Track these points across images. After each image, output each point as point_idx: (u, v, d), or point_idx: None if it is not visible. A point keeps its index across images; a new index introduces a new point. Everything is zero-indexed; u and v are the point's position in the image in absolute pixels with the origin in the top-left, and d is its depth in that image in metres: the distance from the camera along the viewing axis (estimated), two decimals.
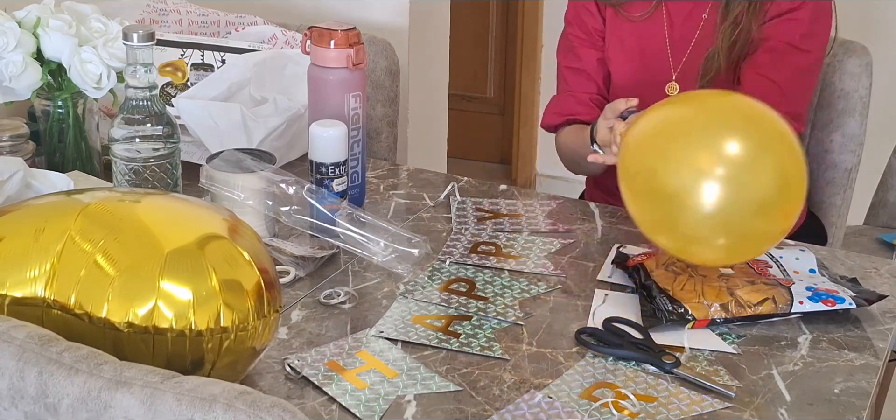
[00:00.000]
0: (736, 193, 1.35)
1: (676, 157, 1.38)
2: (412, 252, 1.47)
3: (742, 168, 1.36)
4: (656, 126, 1.44)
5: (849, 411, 1.23)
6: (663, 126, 1.43)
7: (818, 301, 1.38)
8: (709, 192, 1.34)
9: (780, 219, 1.37)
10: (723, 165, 1.35)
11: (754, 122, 1.40)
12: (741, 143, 1.37)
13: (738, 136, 1.37)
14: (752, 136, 1.38)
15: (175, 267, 1.08)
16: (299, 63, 1.84)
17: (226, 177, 1.52)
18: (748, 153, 1.36)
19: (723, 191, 1.34)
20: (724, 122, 1.40)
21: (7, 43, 1.60)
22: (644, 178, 1.40)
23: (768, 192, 1.36)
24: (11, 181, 1.47)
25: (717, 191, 1.34)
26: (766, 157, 1.37)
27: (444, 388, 1.25)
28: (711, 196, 1.34)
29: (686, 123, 1.42)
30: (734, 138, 1.37)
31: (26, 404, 0.96)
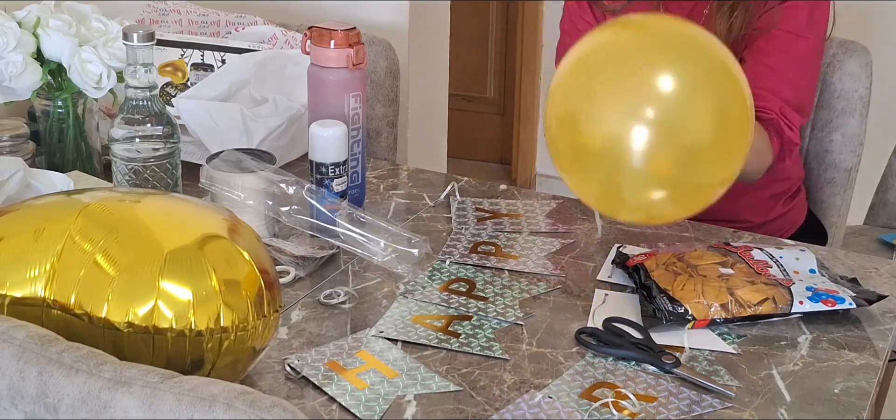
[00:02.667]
0: (664, 138, 1.22)
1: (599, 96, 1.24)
2: (412, 252, 1.47)
3: (671, 108, 1.22)
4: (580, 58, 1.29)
5: (849, 411, 1.23)
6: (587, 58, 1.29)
7: (818, 301, 1.38)
8: (637, 137, 1.21)
9: (719, 165, 1.26)
10: (650, 105, 1.21)
11: (690, 52, 1.25)
12: (672, 77, 1.22)
13: (668, 69, 1.22)
14: (686, 69, 1.24)
15: (175, 267, 1.08)
16: (299, 63, 1.84)
17: (226, 177, 1.52)
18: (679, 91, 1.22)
19: (650, 135, 1.20)
20: (654, 53, 1.25)
21: (7, 43, 1.60)
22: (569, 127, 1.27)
23: (702, 136, 1.23)
24: (11, 181, 1.47)
25: (645, 135, 1.20)
26: (699, 93, 1.23)
27: (444, 388, 1.25)
28: (639, 142, 1.20)
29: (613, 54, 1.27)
30: (664, 72, 1.22)
31: (26, 404, 0.96)
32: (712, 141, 1.24)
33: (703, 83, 1.24)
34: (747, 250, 1.49)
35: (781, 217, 1.91)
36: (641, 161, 1.21)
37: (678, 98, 1.22)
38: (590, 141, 1.24)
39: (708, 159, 1.25)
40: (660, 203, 1.26)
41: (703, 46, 1.27)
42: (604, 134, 1.23)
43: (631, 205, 1.28)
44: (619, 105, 1.23)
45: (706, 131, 1.23)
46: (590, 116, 1.25)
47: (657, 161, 1.22)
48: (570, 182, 1.32)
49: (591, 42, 1.30)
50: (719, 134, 1.24)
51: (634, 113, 1.21)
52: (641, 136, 1.21)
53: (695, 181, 1.26)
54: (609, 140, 1.23)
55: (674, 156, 1.23)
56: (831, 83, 1.98)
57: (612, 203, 1.30)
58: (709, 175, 1.26)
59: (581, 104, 1.26)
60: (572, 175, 1.31)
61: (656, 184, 1.24)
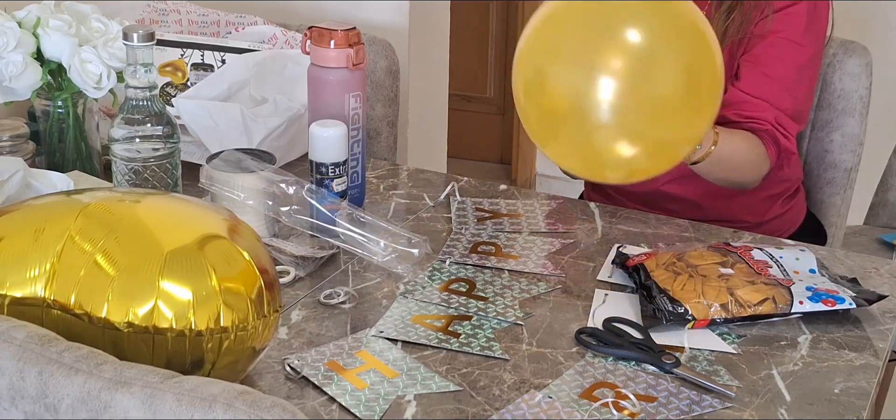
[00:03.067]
0: (631, 91, 1.22)
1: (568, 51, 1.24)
2: (412, 252, 1.47)
3: (638, 62, 1.22)
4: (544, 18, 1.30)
5: (849, 411, 1.23)
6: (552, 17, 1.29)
7: (818, 301, 1.38)
8: (603, 89, 1.21)
9: (686, 122, 1.26)
10: (618, 58, 1.21)
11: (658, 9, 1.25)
12: (639, 31, 1.22)
13: (636, 24, 1.22)
14: (653, 25, 1.23)
15: (175, 267, 1.08)
16: (299, 63, 1.84)
17: (226, 177, 1.52)
18: (646, 44, 1.22)
19: (617, 88, 1.20)
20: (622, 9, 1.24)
21: (7, 43, 1.60)
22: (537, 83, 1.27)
23: (669, 91, 1.24)
24: (11, 181, 1.47)
25: (611, 88, 1.20)
26: (667, 49, 1.23)
27: (444, 388, 1.25)
28: (606, 94, 1.21)
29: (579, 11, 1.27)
30: (631, 26, 1.22)
31: (26, 404, 0.96)
32: (679, 95, 1.23)
33: (671, 38, 1.24)
34: (747, 250, 1.49)
35: (779, 217, 1.91)
36: (609, 114, 1.21)
37: (644, 51, 1.22)
38: (558, 102, 1.24)
39: (674, 114, 1.24)
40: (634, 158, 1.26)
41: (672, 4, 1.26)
42: (570, 92, 1.23)
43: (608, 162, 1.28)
44: (585, 60, 1.23)
45: (673, 85, 1.23)
46: (556, 75, 1.25)
47: (624, 114, 1.21)
48: (548, 151, 1.31)
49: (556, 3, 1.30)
50: (687, 89, 1.24)
51: (600, 66, 1.21)
52: (607, 89, 1.20)
53: (662, 136, 1.25)
54: (576, 97, 1.23)
55: (640, 107, 1.22)
56: (831, 83, 1.98)
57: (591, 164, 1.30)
58: (676, 130, 1.25)
59: (546, 63, 1.26)
60: (548, 142, 1.30)
61: (626, 138, 1.24)
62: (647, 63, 1.22)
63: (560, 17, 1.28)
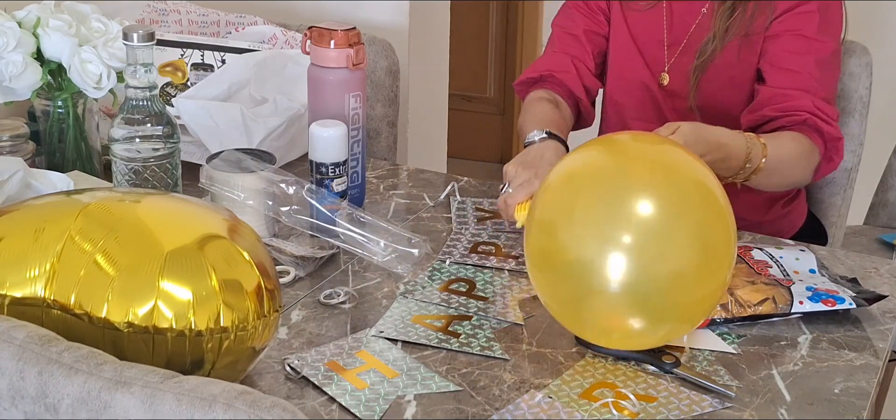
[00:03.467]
0: (645, 266, 1.19)
1: (578, 223, 1.23)
2: (412, 252, 1.47)
3: (650, 235, 1.19)
4: (567, 174, 1.29)
5: (849, 411, 1.23)
6: (568, 180, 1.28)
7: (818, 301, 1.38)
8: (614, 264, 1.19)
9: (703, 290, 1.23)
10: (628, 232, 1.19)
11: (668, 177, 1.23)
12: (649, 202, 1.20)
13: (646, 195, 1.20)
14: (663, 195, 1.21)
15: (175, 267, 1.08)
16: (299, 63, 1.84)
17: (226, 177, 1.52)
18: (657, 216, 1.20)
19: (629, 263, 1.18)
20: (631, 178, 1.23)
21: (7, 43, 1.60)
22: (549, 252, 1.26)
23: (684, 263, 1.20)
24: (11, 181, 1.47)
25: (623, 263, 1.18)
26: (679, 219, 1.21)
27: (444, 388, 1.25)
28: (617, 270, 1.18)
29: (591, 178, 1.26)
30: (641, 197, 1.20)
31: (26, 404, 0.96)
32: (694, 266, 1.21)
33: (683, 206, 1.21)
34: (747, 250, 1.49)
35: (780, 219, 1.91)
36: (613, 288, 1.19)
37: (656, 226, 1.19)
38: (565, 254, 1.23)
39: (689, 285, 1.21)
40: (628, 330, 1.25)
41: (682, 170, 1.25)
42: (578, 254, 1.21)
43: (593, 326, 1.27)
44: (596, 230, 1.21)
45: (686, 258, 1.20)
46: (568, 233, 1.23)
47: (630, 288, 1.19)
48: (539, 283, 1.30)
49: (577, 159, 1.30)
50: (702, 260, 1.21)
51: (611, 240, 1.19)
52: (618, 265, 1.18)
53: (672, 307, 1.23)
54: (582, 263, 1.21)
55: (649, 282, 1.19)
56: None
57: (573, 319, 1.29)
58: (691, 299, 1.23)
59: (561, 218, 1.25)
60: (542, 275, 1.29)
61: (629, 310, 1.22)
62: (659, 239, 1.20)
63: (578, 180, 1.27)
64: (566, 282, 1.24)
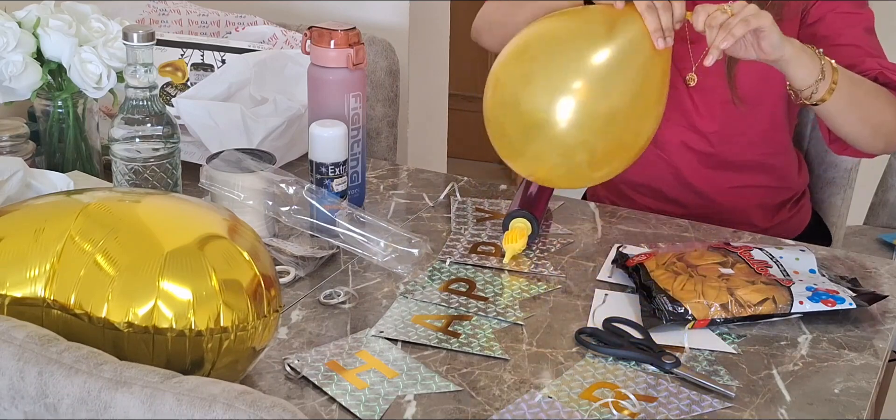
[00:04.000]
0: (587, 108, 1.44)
1: (538, 77, 1.47)
2: (412, 252, 1.47)
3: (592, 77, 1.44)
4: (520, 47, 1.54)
5: (849, 411, 1.23)
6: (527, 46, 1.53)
7: (818, 301, 1.38)
8: (563, 108, 1.45)
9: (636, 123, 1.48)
10: (579, 80, 1.44)
11: (615, 28, 1.45)
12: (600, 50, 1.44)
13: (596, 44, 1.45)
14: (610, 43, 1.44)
15: (175, 267, 1.08)
16: (299, 63, 1.84)
17: (226, 177, 1.52)
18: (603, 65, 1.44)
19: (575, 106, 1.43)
20: (584, 31, 1.47)
21: (7, 43, 1.60)
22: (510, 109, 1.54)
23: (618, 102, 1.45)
24: (11, 181, 1.47)
25: (571, 106, 1.44)
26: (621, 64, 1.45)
27: (444, 388, 1.25)
28: (565, 113, 1.44)
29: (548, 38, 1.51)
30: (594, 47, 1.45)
31: (26, 404, 0.96)
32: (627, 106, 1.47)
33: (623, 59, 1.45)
34: (747, 250, 1.49)
35: (788, 221, 1.91)
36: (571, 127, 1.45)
37: (601, 72, 1.45)
38: (529, 118, 1.51)
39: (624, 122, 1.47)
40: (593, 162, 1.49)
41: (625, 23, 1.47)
42: (539, 110, 1.48)
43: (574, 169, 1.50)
44: (552, 84, 1.46)
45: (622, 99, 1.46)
46: (529, 97, 1.50)
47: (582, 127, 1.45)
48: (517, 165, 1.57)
49: (529, 32, 1.54)
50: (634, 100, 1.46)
51: (563, 89, 1.45)
52: (567, 107, 1.44)
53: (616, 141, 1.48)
54: (543, 114, 1.47)
55: (594, 121, 1.45)
56: None
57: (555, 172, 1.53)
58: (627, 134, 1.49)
59: (519, 88, 1.52)
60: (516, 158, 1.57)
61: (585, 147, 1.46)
62: (602, 82, 1.45)
63: (534, 48, 1.52)
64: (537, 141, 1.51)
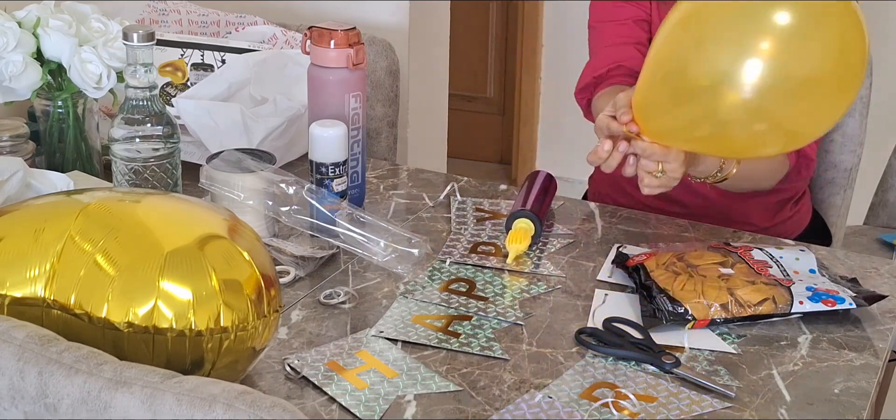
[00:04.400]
0: (777, 70, 1.29)
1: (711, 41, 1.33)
2: (412, 252, 1.47)
3: (787, 41, 1.29)
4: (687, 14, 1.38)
5: (849, 411, 1.23)
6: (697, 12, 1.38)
7: (818, 301, 1.38)
8: (750, 70, 1.29)
9: (833, 96, 1.32)
10: (765, 38, 1.29)
11: None
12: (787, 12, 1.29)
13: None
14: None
15: (175, 267, 1.08)
16: (299, 63, 1.84)
17: (226, 177, 1.52)
18: (795, 23, 1.29)
19: (764, 68, 1.28)
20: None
21: (7, 43, 1.60)
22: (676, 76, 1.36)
23: (819, 67, 1.30)
24: (11, 181, 1.47)
25: (759, 68, 1.28)
26: (818, 26, 1.29)
27: (444, 388, 1.25)
28: (752, 75, 1.28)
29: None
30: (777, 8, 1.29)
31: (26, 404, 0.96)
32: (826, 75, 1.30)
33: (820, 15, 1.29)
34: (747, 250, 1.49)
35: (788, 220, 1.91)
36: (752, 95, 1.28)
37: (793, 31, 1.28)
38: (697, 81, 1.32)
39: (820, 94, 1.31)
40: (767, 137, 1.35)
41: None
42: (713, 72, 1.31)
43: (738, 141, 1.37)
44: (732, 44, 1.30)
45: (821, 65, 1.30)
46: (699, 61, 1.34)
47: (767, 95, 1.29)
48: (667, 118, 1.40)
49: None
50: (834, 68, 1.30)
51: (749, 48, 1.29)
52: (754, 70, 1.28)
53: (803, 116, 1.33)
54: (718, 77, 1.31)
55: (784, 89, 1.29)
56: None
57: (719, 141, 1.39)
58: (819, 110, 1.33)
59: (690, 53, 1.34)
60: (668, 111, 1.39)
61: (765, 118, 1.32)
62: (796, 43, 1.29)
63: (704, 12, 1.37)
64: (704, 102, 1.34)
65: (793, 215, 1.92)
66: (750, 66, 1.29)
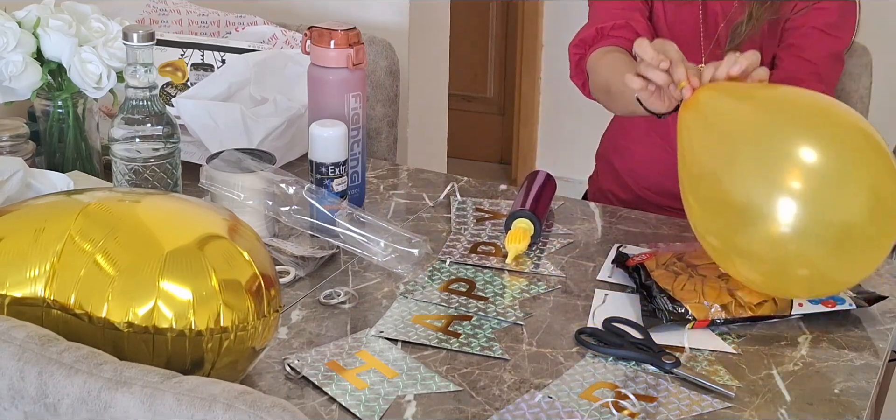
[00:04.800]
0: (816, 213, 1.22)
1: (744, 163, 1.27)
2: (412, 252, 1.47)
3: (824, 182, 1.22)
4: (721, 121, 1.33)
5: (849, 411, 1.23)
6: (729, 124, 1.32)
7: (818, 302, 1.38)
8: (784, 209, 1.23)
9: (866, 251, 1.26)
10: (801, 178, 1.23)
11: (840, 126, 1.26)
12: (825, 150, 1.23)
13: (820, 142, 1.23)
14: (838, 143, 1.24)
15: (175, 267, 1.08)
16: (299, 63, 1.84)
17: (226, 177, 1.52)
18: (833, 164, 1.23)
19: (800, 209, 1.22)
20: (802, 123, 1.26)
21: (7, 43, 1.60)
22: (708, 184, 1.31)
23: (855, 215, 1.23)
24: (11, 181, 1.47)
25: (793, 209, 1.22)
26: (855, 168, 1.23)
27: (444, 388, 1.25)
28: (787, 214, 1.22)
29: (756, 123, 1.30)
30: (816, 144, 1.23)
31: (26, 404, 0.96)
32: (863, 221, 1.24)
33: (855, 160, 1.24)
34: None
35: None
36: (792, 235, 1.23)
37: (831, 171, 1.23)
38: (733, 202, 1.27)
39: (858, 243, 1.25)
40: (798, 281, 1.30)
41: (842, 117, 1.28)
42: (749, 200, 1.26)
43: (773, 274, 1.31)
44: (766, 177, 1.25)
45: (857, 210, 1.24)
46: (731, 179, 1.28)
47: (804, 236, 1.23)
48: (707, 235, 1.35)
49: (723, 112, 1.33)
50: (871, 214, 1.24)
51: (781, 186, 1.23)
52: (789, 209, 1.22)
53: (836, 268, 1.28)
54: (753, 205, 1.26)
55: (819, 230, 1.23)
56: None
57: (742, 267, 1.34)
58: (852, 259, 1.27)
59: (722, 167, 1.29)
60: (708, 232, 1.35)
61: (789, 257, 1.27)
62: (831, 185, 1.23)
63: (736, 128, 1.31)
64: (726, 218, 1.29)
65: None
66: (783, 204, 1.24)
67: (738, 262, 1.32)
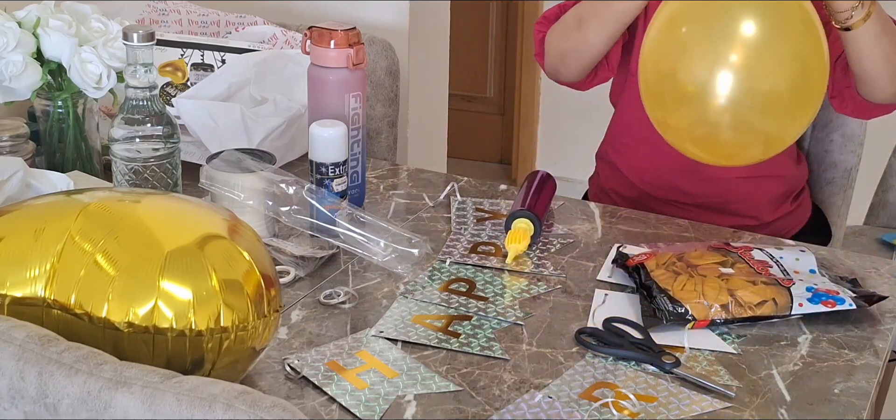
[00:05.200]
0: (744, 82, 1.34)
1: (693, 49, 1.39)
2: (412, 252, 1.47)
3: (752, 52, 1.35)
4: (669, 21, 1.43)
5: (849, 411, 1.23)
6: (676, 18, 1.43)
7: (818, 302, 1.38)
8: (721, 81, 1.35)
9: (792, 114, 1.38)
10: (733, 50, 1.35)
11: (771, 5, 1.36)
12: (753, 21, 1.34)
13: (750, 15, 1.34)
14: (766, 15, 1.34)
15: (175, 267, 1.08)
16: (299, 63, 1.84)
17: (226, 177, 1.52)
18: (760, 35, 1.35)
19: (732, 79, 1.34)
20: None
21: (7, 43, 1.60)
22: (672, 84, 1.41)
23: (779, 82, 1.36)
24: (11, 181, 1.47)
25: (728, 80, 1.34)
26: (780, 40, 1.35)
27: (444, 388, 1.25)
28: (722, 86, 1.35)
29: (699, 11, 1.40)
30: (746, 17, 1.34)
31: (26, 404, 0.96)
32: (790, 89, 1.37)
33: (784, 31, 1.36)
34: (747, 250, 1.49)
35: (788, 215, 1.92)
36: (728, 104, 1.36)
37: (760, 45, 1.34)
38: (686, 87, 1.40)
39: (785, 108, 1.38)
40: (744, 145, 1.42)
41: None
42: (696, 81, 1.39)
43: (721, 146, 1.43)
44: (707, 55, 1.38)
45: (783, 79, 1.37)
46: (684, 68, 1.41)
47: (738, 105, 1.36)
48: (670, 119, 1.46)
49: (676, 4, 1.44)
50: (795, 83, 1.36)
51: (720, 61, 1.36)
52: (725, 82, 1.35)
53: (772, 128, 1.41)
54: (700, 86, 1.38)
55: (753, 102, 1.37)
56: None
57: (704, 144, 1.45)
58: (786, 123, 1.40)
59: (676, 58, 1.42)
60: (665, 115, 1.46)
61: (739, 127, 1.39)
62: (762, 57, 1.36)
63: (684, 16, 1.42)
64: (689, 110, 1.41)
65: (794, 210, 1.92)
66: (723, 78, 1.37)
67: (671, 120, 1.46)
